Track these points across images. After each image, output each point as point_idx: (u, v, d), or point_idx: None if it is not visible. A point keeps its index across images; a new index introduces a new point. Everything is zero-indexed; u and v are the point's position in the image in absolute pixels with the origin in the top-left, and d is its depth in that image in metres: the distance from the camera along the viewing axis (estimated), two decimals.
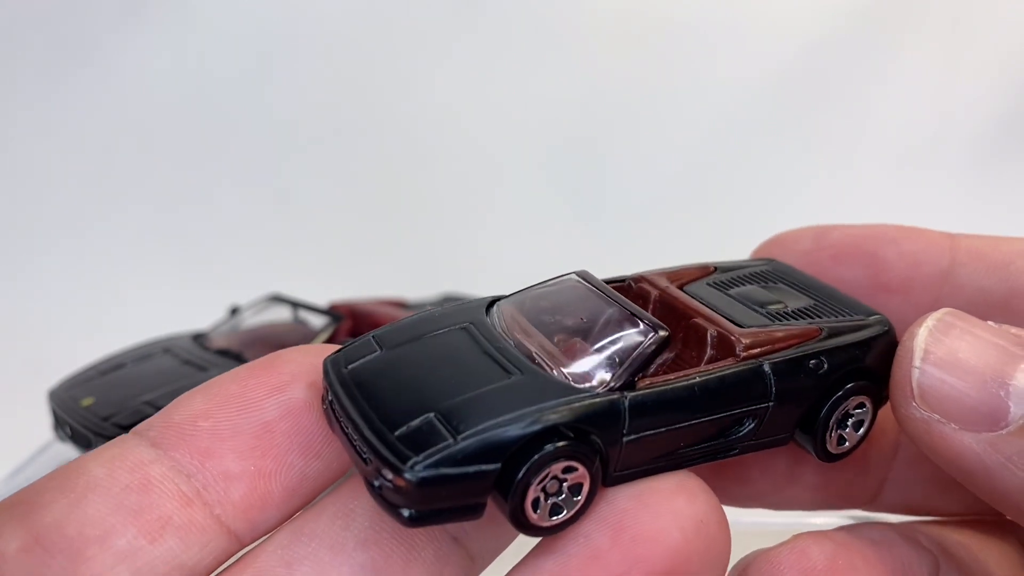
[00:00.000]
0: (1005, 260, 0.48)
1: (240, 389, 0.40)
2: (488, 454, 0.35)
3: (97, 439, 0.80)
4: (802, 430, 0.45)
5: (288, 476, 0.39)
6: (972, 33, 1.62)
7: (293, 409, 0.40)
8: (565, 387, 0.38)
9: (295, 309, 1.01)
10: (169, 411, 0.40)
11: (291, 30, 1.61)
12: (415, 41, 1.63)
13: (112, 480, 0.37)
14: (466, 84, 1.63)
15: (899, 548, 0.46)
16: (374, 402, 0.37)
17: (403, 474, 0.34)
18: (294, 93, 1.62)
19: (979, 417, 0.40)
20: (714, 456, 0.42)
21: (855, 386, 0.45)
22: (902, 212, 1.56)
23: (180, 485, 0.38)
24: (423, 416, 0.36)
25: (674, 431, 0.40)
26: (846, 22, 1.61)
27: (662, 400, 0.39)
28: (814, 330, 0.45)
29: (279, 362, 0.41)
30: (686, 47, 1.61)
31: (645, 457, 0.39)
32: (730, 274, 0.51)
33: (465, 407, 0.36)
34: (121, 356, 0.95)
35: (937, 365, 0.41)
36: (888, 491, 0.51)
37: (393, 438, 0.35)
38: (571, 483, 0.37)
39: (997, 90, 1.60)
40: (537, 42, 1.63)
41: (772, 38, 1.61)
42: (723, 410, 0.41)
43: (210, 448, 0.39)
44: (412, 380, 0.39)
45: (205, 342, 0.97)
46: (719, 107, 1.62)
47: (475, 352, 0.40)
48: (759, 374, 0.42)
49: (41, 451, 0.91)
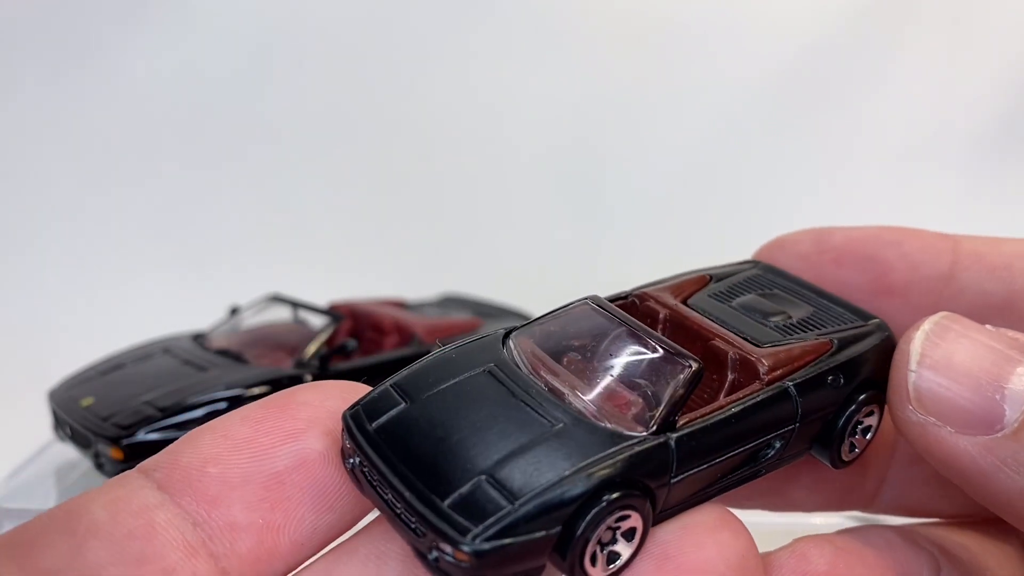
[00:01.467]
0: (1006, 262, 0.48)
1: (252, 433, 0.38)
2: (548, 519, 0.34)
3: (97, 439, 0.80)
4: (819, 443, 0.45)
5: (298, 530, 0.38)
6: (972, 33, 1.62)
7: (307, 460, 0.38)
8: (611, 434, 0.37)
9: (295, 309, 1.01)
10: (176, 450, 0.38)
11: (291, 30, 1.61)
12: (416, 41, 1.63)
13: (115, 525, 0.35)
14: (466, 84, 1.63)
15: (899, 551, 0.46)
16: (414, 466, 0.36)
17: (462, 547, 0.33)
18: (294, 93, 1.62)
19: (974, 420, 0.40)
20: (745, 480, 0.43)
21: (867, 396, 0.45)
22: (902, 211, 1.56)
23: (185, 534, 0.36)
24: (473, 481, 0.35)
25: (716, 465, 0.40)
26: (846, 22, 1.61)
27: (704, 435, 0.39)
28: (826, 344, 0.45)
29: (293, 404, 0.40)
30: (686, 47, 1.61)
31: (689, 492, 0.40)
32: (726, 283, 0.51)
33: (515, 467, 0.35)
34: (121, 356, 0.95)
35: (933, 369, 0.41)
36: (886, 492, 0.51)
37: (446, 508, 0.34)
38: (624, 529, 0.37)
39: (997, 90, 1.60)
40: (537, 42, 1.63)
41: (772, 38, 1.61)
42: (758, 437, 0.41)
43: (218, 496, 0.37)
44: (450, 438, 0.37)
45: (205, 342, 0.97)
46: (719, 107, 1.62)
47: (507, 399, 0.39)
48: (787, 397, 0.42)
49: (41, 451, 0.91)
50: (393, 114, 1.62)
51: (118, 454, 0.78)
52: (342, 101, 1.62)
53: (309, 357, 0.89)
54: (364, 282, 1.25)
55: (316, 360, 0.89)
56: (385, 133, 1.62)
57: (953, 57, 1.62)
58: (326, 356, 0.89)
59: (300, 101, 1.62)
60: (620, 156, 1.63)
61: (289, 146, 1.61)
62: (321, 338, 0.91)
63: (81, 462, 0.88)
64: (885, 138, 1.62)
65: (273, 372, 0.87)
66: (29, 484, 0.85)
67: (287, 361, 0.91)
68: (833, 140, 1.62)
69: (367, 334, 1.00)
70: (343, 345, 0.91)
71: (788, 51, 1.62)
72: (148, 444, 0.79)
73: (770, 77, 1.62)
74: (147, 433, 0.79)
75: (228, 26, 1.59)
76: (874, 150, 1.62)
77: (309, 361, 0.89)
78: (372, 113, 1.62)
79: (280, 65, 1.61)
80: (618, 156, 1.63)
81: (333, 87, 1.62)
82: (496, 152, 1.62)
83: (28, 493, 0.83)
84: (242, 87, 1.60)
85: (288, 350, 0.94)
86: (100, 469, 0.81)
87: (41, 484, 0.86)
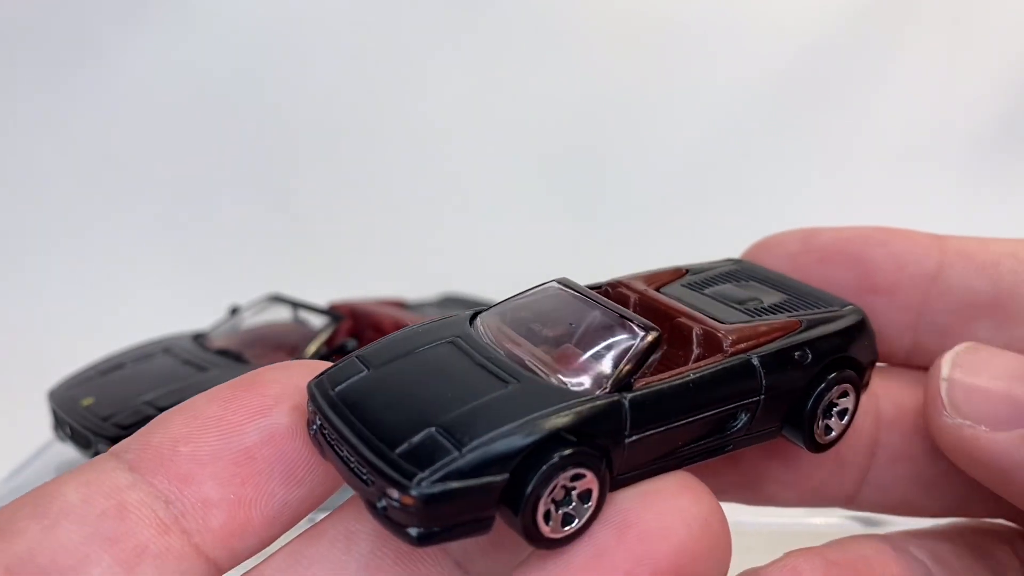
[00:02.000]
0: (993, 260, 0.48)
1: (221, 411, 0.39)
2: (495, 464, 0.34)
3: (97, 439, 0.80)
4: (790, 422, 0.45)
5: (269, 504, 0.38)
6: (972, 33, 1.62)
7: (276, 435, 0.39)
8: (564, 392, 0.38)
9: (295, 309, 1.01)
10: (147, 432, 0.39)
11: (292, 30, 1.61)
12: (415, 42, 1.63)
13: (87, 506, 0.36)
14: (466, 85, 1.63)
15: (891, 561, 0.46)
16: (369, 422, 0.36)
17: (409, 491, 0.33)
18: (294, 93, 1.62)
19: (1008, 414, 0.40)
20: (711, 453, 0.43)
21: (838, 375, 0.45)
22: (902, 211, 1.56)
23: (158, 512, 0.36)
24: (424, 431, 0.35)
25: (674, 429, 0.40)
26: (846, 22, 1.61)
27: (660, 398, 0.39)
28: (794, 323, 0.46)
29: (261, 382, 0.40)
30: (686, 47, 1.61)
31: (647, 458, 0.39)
32: (702, 275, 0.52)
33: (466, 419, 0.36)
34: (121, 356, 0.95)
35: (965, 374, 0.43)
36: (867, 491, 0.51)
37: (395, 456, 0.34)
38: (580, 490, 0.37)
39: (997, 90, 1.60)
40: (537, 43, 1.63)
41: (772, 38, 1.61)
42: (719, 405, 0.41)
43: (189, 474, 0.37)
44: (406, 397, 0.38)
45: (205, 342, 0.97)
46: (718, 107, 1.62)
47: (467, 364, 0.40)
48: (749, 367, 0.42)
49: (41, 451, 0.91)
50: (393, 114, 1.62)
51: None
52: (342, 100, 1.62)
53: (309, 357, 0.89)
54: (364, 282, 1.25)
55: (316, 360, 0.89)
56: (385, 133, 1.62)
57: (953, 57, 1.62)
58: (326, 356, 0.90)
59: (300, 101, 1.62)
60: (620, 156, 1.63)
61: (289, 146, 1.61)
62: (321, 338, 0.91)
63: (81, 462, 0.88)
64: (885, 138, 1.62)
65: None
66: (29, 484, 0.85)
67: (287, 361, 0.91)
68: (833, 140, 1.62)
69: (367, 334, 1.00)
70: (343, 345, 0.91)
71: (788, 51, 1.62)
72: None
73: (770, 77, 1.62)
74: None
75: (228, 26, 1.59)
76: (874, 150, 1.62)
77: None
78: (372, 113, 1.62)
79: (280, 65, 1.61)
80: (618, 156, 1.63)
81: (333, 87, 1.62)
82: (496, 152, 1.62)
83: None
84: (242, 87, 1.60)
85: (288, 350, 0.94)
86: None
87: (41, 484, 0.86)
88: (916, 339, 0.50)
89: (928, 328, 0.49)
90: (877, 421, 0.50)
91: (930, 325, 0.49)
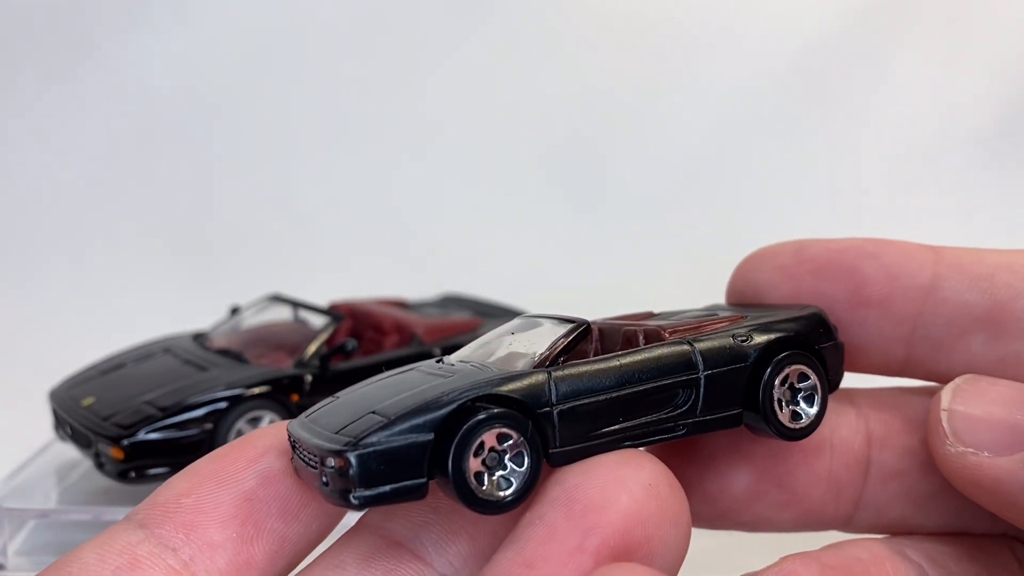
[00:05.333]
0: (988, 272, 0.48)
1: (219, 465, 0.42)
2: (419, 426, 0.38)
3: (97, 439, 0.80)
4: (749, 408, 0.46)
5: (269, 540, 0.41)
6: (972, 33, 1.62)
7: (270, 476, 0.42)
8: (496, 373, 0.42)
9: (295, 309, 1.01)
10: (155, 494, 0.42)
11: (292, 30, 1.61)
12: (416, 41, 1.63)
13: (102, 563, 0.39)
14: (466, 84, 1.63)
15: (888, 565, 0.46)
16: (323, 423, 0.41)
17: (343, 454, 0.37)
18: (295, 92, 1.62)
19: (1009, 439, 0.41)
20: (662, 434, 0.44)
21: (789, 355, 0.46)
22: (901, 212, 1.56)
23: (167, 559, 0.39)
24: (364, 415, 0.39)
25: (606, 402, 0.42)
26: (846, 22, 1.62)
27: (587, 373, 0.42)
28: (739, 317, 0.47)
29: (252, 439, 0.44)
30: (686, 47, 1.62)
31: (584, 431, 0.41)
32: (670, 312, 0.53)
33: (403, 401, 0.40)
34: (121, 356, 0.96)
35: (965, 403, 0.44)
36: (863, 512, 0.51)
37: (334, 434, 0.39)
38: (512, 454, 0.39)
39: (997, 90, 1.60)
40: (537, 42, 1.63)
41: (772, 38, 1.61)
42: (651, 380, 0.43)
43: (194, 522, 0.40)
44: (361, 400, 0.42)
45: (205, 342, 0.97)
46: (718, 105, 1.62)
47: (427, 377, 0.44)
48: (682, 347, 0.44)
49: (41, 451, 0.91)
50: (393, 113, 1.62)
51: (119, 454, 0.79)
52: (342, 100, 1.62)
53: (309, 357, 0.89)
54: (364, 282, 1.25)
55: (316, 360, 0.89)
56: (385, 133, 1.62)
57: (953, 57, 1.62)
58: (326, 356, 0.90)
59: (301, 100, 1.62)
60: (620, 156, 1.63)
61: (290, 146, 1.61)
62: (321, 338, 0.91)
63: (81, 462, 0.88)
64: (885, 138, 1.62)
65: (273, 372, 0.87)
66: (29, 484, 0.85)
67: (287, 361, 0.91)
68: (833, 140, 1.62)
69: (367, 334, 1.00)
70: (343, 345, 0.91)
71: (788, 51, 1.62)
72: (148, 444, 0.79)
73: (770, 77, 1.62)
74: (147, 433, 0.79)
75: (228, 26, 1.59)
76: (874, 150, 1.62)
77: (309, 361, 0.89)
78: (372, 112, 1.62)
79: (281, 64, 1.61)
80: (618, 156, 1.63)
81: (333, 86, 1.62)
82: (496, 152, 1.62)
83: (28, 493, 0.83)
84: (243, 87, 1.60)
85: (288, 350, 0.94)
86: (100, 469, 0.81)
87: (41, 484, 0.86)
88: (909, 352, 0.50)
89: (922, 341, 0.49)
90: (868, 440, 0.50)
91: (924, 338, 0.49)
